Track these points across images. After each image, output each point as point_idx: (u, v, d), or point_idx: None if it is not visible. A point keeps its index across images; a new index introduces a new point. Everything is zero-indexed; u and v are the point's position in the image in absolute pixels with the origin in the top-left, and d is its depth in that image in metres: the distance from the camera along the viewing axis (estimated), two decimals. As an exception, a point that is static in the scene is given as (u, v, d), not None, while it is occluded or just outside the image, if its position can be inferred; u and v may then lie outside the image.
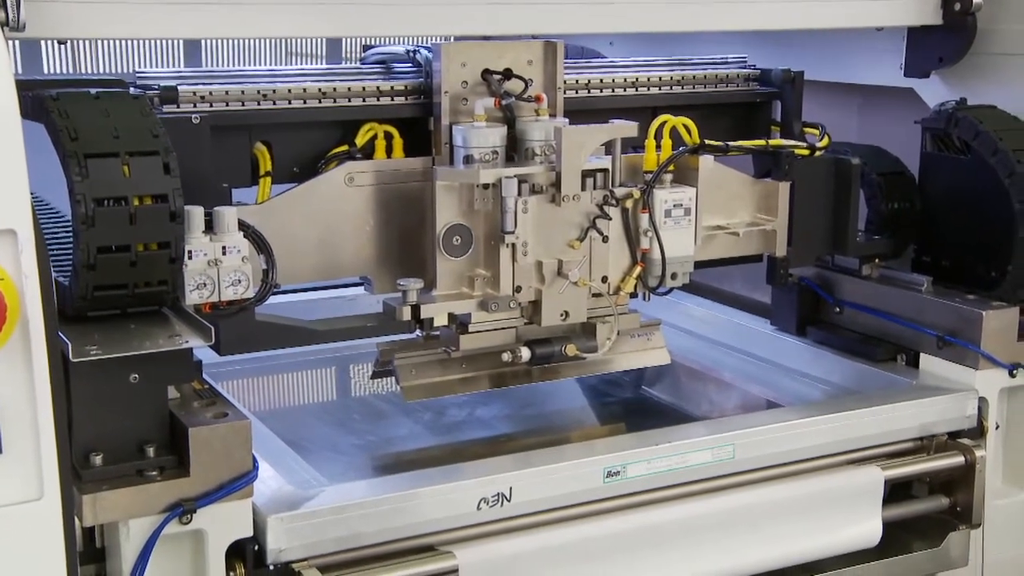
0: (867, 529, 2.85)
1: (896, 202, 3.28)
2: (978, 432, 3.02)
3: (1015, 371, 3.01)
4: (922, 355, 3.14)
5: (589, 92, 3.04)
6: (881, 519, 2.86)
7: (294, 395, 3.55)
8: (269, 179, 2.72)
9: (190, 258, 2.32)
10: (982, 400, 3.01)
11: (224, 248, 2.37)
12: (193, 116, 2.54)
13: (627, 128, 2.79)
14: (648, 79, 3.12)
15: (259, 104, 2.69)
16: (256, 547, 2.30)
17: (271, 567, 2.30)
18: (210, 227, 2.39)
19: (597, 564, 2.57)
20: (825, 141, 3.16)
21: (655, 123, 2.91)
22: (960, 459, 2.96)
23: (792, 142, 3.15)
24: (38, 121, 2.23)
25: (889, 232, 3.29)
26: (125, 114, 2.24)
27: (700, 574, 2.71)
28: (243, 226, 2.43)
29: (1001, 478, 3.13)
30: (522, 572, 2.49)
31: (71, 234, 2.18)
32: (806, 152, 3.13)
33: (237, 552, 2.29)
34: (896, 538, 2.94)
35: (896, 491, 2.99)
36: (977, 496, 2.97)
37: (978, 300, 3.07)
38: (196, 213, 2.34)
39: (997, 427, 3.06)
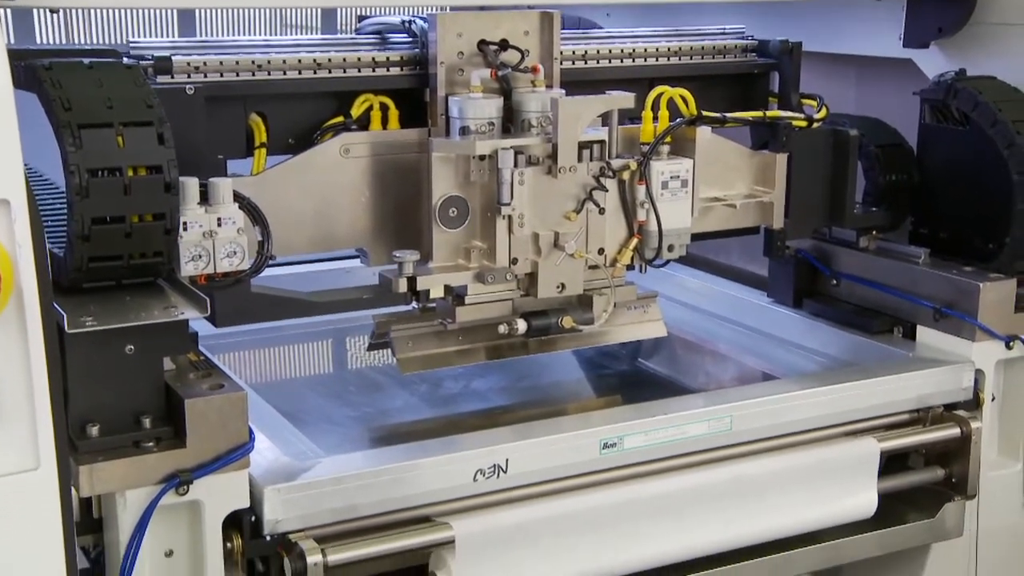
0: (863, 500, 2.86)
1: (894, 174, 3.27)
2: (974, 404, 3.02)
3: (1012, 343, 3.01)
4: (919, 327, 3.14)
5: (586, 63, 3.02)
6: (877, 490, 2.87)
7: (290, 368, 3.55)
8: (264, 150, 2.70)
9: (185, 229, 2.31)
10: (978, 372, 3.01)
11: (219, 220, 2.36)
12: (187, 87, 2.53)
13: (624, 99, 2.77)
14: (645, 50, 3.10)
15: (254, 75, 2.67)
16: (253, 518, 2.30)
17: (268, 538, 2.31)
18: (205, 199, 2.37)
19: (594, 535, 2.57)
20: (823, 112, 3.15)
21: (652, 94, 2.90)
22: (956, 431, 2.97)
23: (790, 113, 3.13)
24: (31, 91, 2.22)
25: (887, 204, 3.29)
26: (119, 84, 2.22)
27: (696, 545, 2.71)
28: (238, 197, 2.42)
29: (996, 450, 3.13)
30: (519, 543, 2.49)
31: (66, 205, 2.17)
32: (804, 123, 3.12)
33: (234, 523, 2.29)
34: (892, 509, 2.95)
35: (892, 462, 3.00)
36: (972, 467, 2.98)
37: (975, 272, 3.06)
38: (191, 184, 2.33)
39: (993, 399, 3.06)
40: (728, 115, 3.01)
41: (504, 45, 2.77)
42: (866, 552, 2.97)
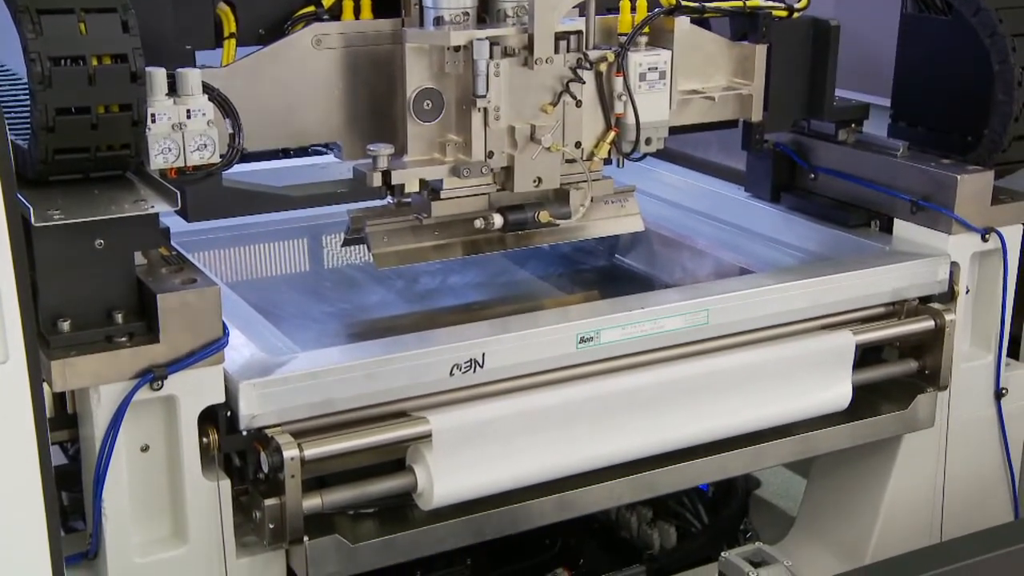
0: (838, 393, 2.87)
1: None
2: (949, 296, 3.03)
3: (987, 235, 3.01)
4: (896, 220, 3.13)
5: (563, -50, 2.94)
6: (851, 383, 2.89)
7: (265, 265, 3.51)
8: (233, 41, 2.63)
9: (153, 121, 2.26)
10: (954, 264, 3.01)
11: (189, 111, 2.31)
12: (151, -27, 2.45)
13: (602, -12, 2.72)
14: (623, -63, 3.02)
15: (221, -39, 2.59)
16: (228, 413, 2.30)
17: (244, 432, 2.31)
18: (173, 90, 2.32)
19: (570, 429, 2.58)
20: (804, 2, 3.09)
21: (630, -17, 2.84)
22: (930, 323, 2.98)
23: (770, 3, 3.07)
24: (-13, -25, 2.15)
25: None
26: (79, -33, 2.15)
27: (672, 438, 2.73)
28: (208, 89, 2.37)
29: (969, 342, 3.16)
30: (495, 437, 2.50)
31: (28, 95, 2.11)
32: (784, 13, 3.06)
33: (210, 418, 2.29)
34: (865, 401, 2.97)
35: (866, 355, 3.02)
36: (945, 359, 3.00)
37: (953, 164, 3.04)
38: (158, 75, 2.28)
39: (967, 291, 3.07)
40: (707, 5, 2.95)
41: (479, -69, 2.69)
42: (838, 444, 3.00)
